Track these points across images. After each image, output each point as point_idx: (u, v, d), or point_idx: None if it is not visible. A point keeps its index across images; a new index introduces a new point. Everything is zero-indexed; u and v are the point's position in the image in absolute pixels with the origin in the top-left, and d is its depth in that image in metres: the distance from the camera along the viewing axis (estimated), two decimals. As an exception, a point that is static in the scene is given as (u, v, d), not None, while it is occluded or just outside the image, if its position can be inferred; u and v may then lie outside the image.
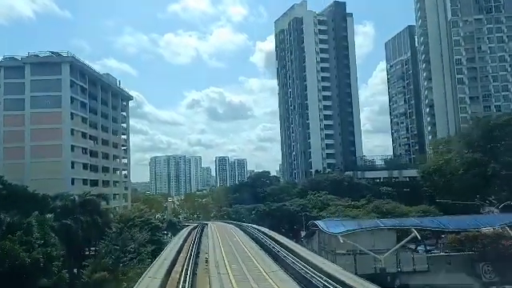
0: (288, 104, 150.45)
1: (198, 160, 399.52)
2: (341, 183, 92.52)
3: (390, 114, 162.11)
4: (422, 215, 45.92)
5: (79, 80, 79.25)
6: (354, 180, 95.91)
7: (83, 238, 51.18)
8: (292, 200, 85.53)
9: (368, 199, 70.79)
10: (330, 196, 78.62)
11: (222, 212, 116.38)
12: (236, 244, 35.17)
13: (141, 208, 74.71)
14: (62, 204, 48.87)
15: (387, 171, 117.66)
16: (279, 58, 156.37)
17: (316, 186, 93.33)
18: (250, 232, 43.52)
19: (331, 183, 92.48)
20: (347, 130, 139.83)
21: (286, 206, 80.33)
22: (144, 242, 50.93)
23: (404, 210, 53.73)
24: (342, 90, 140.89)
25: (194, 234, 48.66)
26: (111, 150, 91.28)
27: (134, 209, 74.40)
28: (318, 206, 74.07)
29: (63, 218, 47.11)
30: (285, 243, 29.86)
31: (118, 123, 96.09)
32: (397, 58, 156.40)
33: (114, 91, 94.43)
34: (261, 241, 34.00)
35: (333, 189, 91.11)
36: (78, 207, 50.70)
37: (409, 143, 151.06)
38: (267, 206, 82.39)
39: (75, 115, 77.52)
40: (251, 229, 46.09)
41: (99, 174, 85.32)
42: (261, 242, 33.28)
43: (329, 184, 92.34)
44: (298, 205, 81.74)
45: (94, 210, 54.25)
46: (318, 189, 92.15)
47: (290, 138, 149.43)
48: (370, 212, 51.99)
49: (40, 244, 33.85)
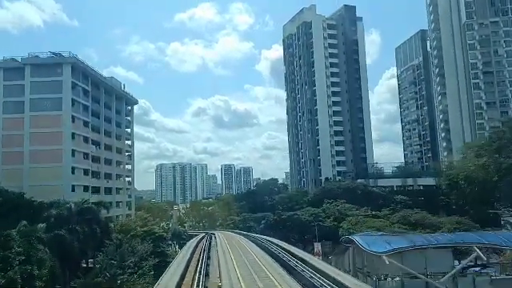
0: (296, 110, 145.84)
1: (203, 168, 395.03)
2: (354, 191, 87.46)
3: (401, 120, 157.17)
4: (457, 227, 40.90)
5: (81, 82, 75.18)
6: (368, 188, 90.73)
7: (80, 250, 46.48)
8: (304, 209, 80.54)
9: (393, 208, 65.11)
10: (348, 205, 73.50)
11: (228, 221, 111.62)
12: (254, 264, 28.73)
13: (144, 217, 70.25)
14: (57, 213, 44.32)
15: (401, 179, 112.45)
16: (287, 63, 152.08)
17: (328, 195, 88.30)
18: (266, 246, 38.38)
19: (344, 191, 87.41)
20: (358, 136, 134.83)
21: (297, 215, 75.46)
22: (146, 255, 46.28)
23: (434, 221, 48.53)
24: (352, 95, 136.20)
25: (202, 247, 43.68)
26: (114, 156, 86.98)
27: (137, 218, 69.86)
28: (335, 215, 69.00)
29: (58, 228, 42.56)
30: (321, 268, 23.64)
31: (121, 128, 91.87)
32: (408, 63, 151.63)
33: (118, 95, 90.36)
34: (286, 262, 28.31)
35: (346, 197, 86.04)
36: (75, 216, 46.14)
37: (421, 150, 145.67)
38: (277, 215, 77.63)
39: (76, 118, 73.33)
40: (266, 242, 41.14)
41: (101, 180, 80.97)
42: (286, 264, 27.76)
43: (342, 192, 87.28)
44: (310, 214, 76.85)
45: (92, 219, 49.63)
46: (330, 197, 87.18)
47: (299, 144, 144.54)
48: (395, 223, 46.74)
49: (21, 260, 29.16)
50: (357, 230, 45.37)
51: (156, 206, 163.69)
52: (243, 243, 45.03)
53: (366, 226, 43.97)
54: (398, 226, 42.26)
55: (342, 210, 71.24)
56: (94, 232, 49.08)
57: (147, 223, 68.34)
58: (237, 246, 43.07)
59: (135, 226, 52.15)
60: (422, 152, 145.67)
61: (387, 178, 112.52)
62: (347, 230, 47.51)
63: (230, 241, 49.04)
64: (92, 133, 78.27)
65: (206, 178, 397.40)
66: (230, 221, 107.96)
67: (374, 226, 43.45)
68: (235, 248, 40.61)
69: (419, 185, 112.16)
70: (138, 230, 54.13)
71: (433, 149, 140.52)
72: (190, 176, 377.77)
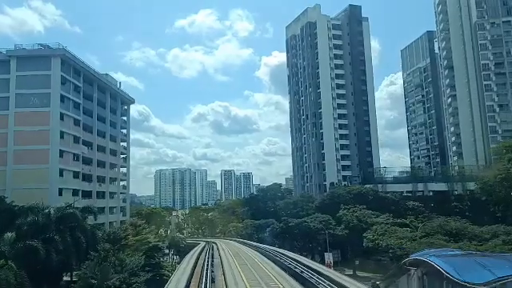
0: (300, 113, 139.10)
1: (203, 173, 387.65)
2: (365, 197, 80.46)
3: (407, 124, 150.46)
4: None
5: (72, 77, 68.30)
6: (379, 193, 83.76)
7: (61, 263, 39.31)
8: (312, 216, 73.51)
9: (428, 215, 57.31)
10: (367, 211, 66.46)
11: (229, 228, 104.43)
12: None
13: (138, 224, 63.07)
14: (31, 220, 37.20)
15: (411, 184, 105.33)
16: (290, 65, 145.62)
17: (337, 200, 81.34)
18: (287, 266, 30.27)
19: (355, 197, 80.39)
20: (364, 139, 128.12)
21: (306, 222, 68.45)
22: (137, 269, 39.14)
23: (475, 230, 41.15)
24: (357, 97, 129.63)
25: (202, 266, 35.39)
26: (108, 158, 79.95)
27: (130, 225, 62.75)
28: (353, 223, 62.06)
29: (32, 237, 35.52)
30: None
31: (116, 128, 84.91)
32: (414, 65, 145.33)
33: (113, 93, 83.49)
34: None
35: (356, 203, 79.21)
36: (54, 223, 39.10)
37: (429, 155, 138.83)
38: (284, 223, 70.58)
39: (66, 116, 66.36)
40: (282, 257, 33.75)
41: (93, 184, 73.91)
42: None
43: (352, 197, 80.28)
44: (320, 221, 69.84)
45: (76, 226, 42.56)
46: (339, 203, 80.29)
47: (302, 149, 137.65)
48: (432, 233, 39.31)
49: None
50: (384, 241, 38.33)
51: (154, 211, 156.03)
52: (258, 262, 36.06)
53: (395, 236, 37.18)
54: (436, 237, 35.36)
55: (361, 217, 64.20)
56: (77, 241, 41.97)
57: (141, 231, 61.26)
58: (250, 266, 33.29)
59: (125, 234, 44.80)
60: (429, 157, 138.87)
61: (397, 184, 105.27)
62: (373, 241, 40.52)
63: (236, 255, 40.96)
64: (83, 132, 71.29)
65: (206, 184, 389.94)
66: (232, 228, 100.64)
67: (406, 237, 36.53)
68: (249, 272, 30.28)
69: (430, 190, 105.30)
70: (129, 239, 47.15)
71: (441, 153, 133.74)
72: (189, 182, 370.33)
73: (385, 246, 37.23)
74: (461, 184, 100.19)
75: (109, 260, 36.38)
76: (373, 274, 79.00)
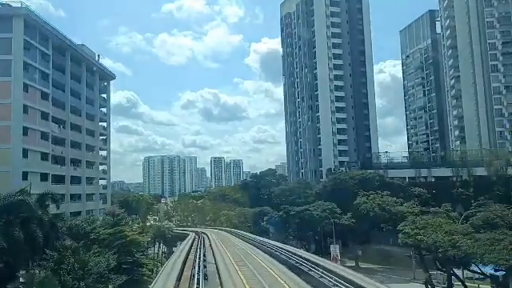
0: (295, 96, 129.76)
1: (192, 160, 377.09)
2: (370, 182, 71.74)
3: (405, 109, 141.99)
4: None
5: (38, 43, 57.69)
6: (386, 179, 75.10)
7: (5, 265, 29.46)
8: (314, 204, 64.50)
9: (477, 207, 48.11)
10: (391, 199, 57.35)
11: (221, 216, 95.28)
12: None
13: (116, 213, 53.33)
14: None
15: (414, 170, 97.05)
16: (285, 45, 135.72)
17: (339, 186, 72.54)
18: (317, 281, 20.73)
19: (359, 182, 71.62)
20: (362, 123, 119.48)
21: (308, 210, 59.43)
22: (106, 273, 29.60)
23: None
24: (356, 79, 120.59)
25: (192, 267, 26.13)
26: (85, 139, 69.66)
27: (107, 214, 53.07)
28: (374, 211, 53.25)
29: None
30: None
31: (94, 106, 74.38)
32: (414, 46, 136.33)
33: (90, 66, 72.77)
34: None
35: (361, 189, 70.66)
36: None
37: (428, 140, 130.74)
38: (284, 211, 61.44)
39: (31, 88, 55.82)
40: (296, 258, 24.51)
41: (67, 167, 63.73)
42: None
43: (356, 183, 71.51)
44: (323, 209, 60.93)
45: (30, 218, 32.64)
46: (342, 189, 71.62)
47: (297, 133, 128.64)
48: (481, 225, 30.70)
49: None
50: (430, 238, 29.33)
51: (141, 199, 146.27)
52: (267, 267, 26.25)
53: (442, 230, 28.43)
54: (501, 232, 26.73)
55: (384, 205, 55.25)
56: (32, 237, 32.14)
57: (120, 221, 51.60)
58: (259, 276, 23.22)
59: (91, 228, 34.75)
60: (428, 142, 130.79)
61: (399, 169, 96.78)
62: (412, 237, 31.51)
63: (234, 254, 31.21)
64: (54, 108, 60.77)
65: (196, 171, 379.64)
66: (223, 216, 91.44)
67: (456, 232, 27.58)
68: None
69: (433, 176, 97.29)
70: (100, 232, 37.65)
71: (441, 138, 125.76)
72: (178, 169, 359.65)
73: (431, 244, 28.25)
74: (466, 169, 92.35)
75: (66, 262, 26.89)
76: (376, 265, 71.12)
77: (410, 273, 60.83)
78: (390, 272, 64.94)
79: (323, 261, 26.53)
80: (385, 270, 67.69)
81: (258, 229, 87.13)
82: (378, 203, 55.25)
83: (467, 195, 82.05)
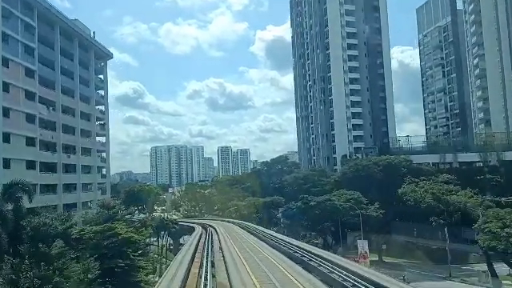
0: (306, 78, 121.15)
1: (199, 150, 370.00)
2: (397, 168, 63.71)
3: (422, 91, 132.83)
4: None
5: (21, 12, 49.93)
6: (413, 164, 66.86)
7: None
8: (336, 193, 56.64)
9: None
10: (447, 186, 48.95)
11: (230, 207, 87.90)
12: None
13: (111, 205, 45.99)
14: None
15: (438, 155, 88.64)
16: (295, 25, 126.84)
17: (362, 173, 64.64)
18: None
19: (384, 169, 63.56)
20: (378, 107, 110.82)
21: (330, 200, 51.64)
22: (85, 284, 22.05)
23: None
24: (371, 59, 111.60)
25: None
26: (79, 123, 62.15)
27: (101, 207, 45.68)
28: (425, 202, 45.15)
29: None
30: None
31: (90, 87, 66.65)
32: (433, 24, 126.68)
33: (84, 42, 64.81)
34: None
35: (386, 175, 62.84)
36: None
37: (448, 124, 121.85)
38: (303, 201, 53.70)
39: (13, 63, 48.11)
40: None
41: (58, 154, 56.36)
42: None
43: (381, 169, 63.47)
44: (347, 199, 53.11)
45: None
46: (366, 176, 63.75)
47: (308, 118, 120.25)
48: None
49: None
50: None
51: (146, 189, 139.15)
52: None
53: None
54: None
55: (439, 193, 46.67)
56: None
57: (115, 214, 44.25)
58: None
59: (64, 227, 26.86)
60: (448, 126, 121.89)
61: (421, 154, 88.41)
62: (505, 239, 23.57)
63: (253, 265, 23.06)
64: (41, 88, 53.13)
65: (203, 161, 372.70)
66: (232, 207, 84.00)
67: None
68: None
69: (459, 161, 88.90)
70: (85, 230, 30.28)
71: (463, 122, 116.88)
72: (185, 159, 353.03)
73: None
74: (495, 154, 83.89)
75: (24, 277, 19.36)
76: (401, 259, 63.48)
77: (441, 269, 53.51)
78: (418, 267, 57.58)
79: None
80: (412, 264, 60.30)
81: (268, 219, 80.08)
82: (431, 192, 46.59)
83: (497, 181, 74.39)
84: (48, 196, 53.88)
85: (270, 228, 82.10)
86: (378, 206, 52.90)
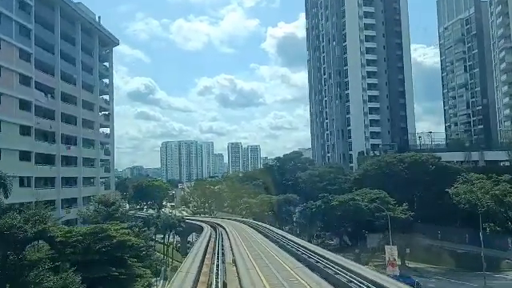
0: (321, 72, 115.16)
1: (210, 146, 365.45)
2: (424, 166, 57.55)
3: (442, 87, 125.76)
4: None
5: (15, -12, 45.15)
6: (442, 162, 60.59)
7: None
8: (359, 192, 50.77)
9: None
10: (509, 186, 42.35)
11: (240, 204, 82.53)
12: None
13: (110, 200, 40.86)
14: None
15: (463, 153, 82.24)
16: (310, 16, 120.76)
17: (385, 170, 58.72)
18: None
19: (410, 166, 57.49)
20: (397, 102, 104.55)
21: (354, 200, 45.86)
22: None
23: None
24: (390, 52, 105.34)
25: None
26: (81, 112, 57.25)
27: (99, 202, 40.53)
28: (482, 206, 38.85)
29: None
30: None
31: (93, 75, 61.61)
32: (454, 17, 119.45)
33: (88, 27, 59.64)
34: None
35: (412, 173, 56.79)
36: None
37: (469, 121, 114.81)
38: (323, 201, 48.00)
39: (5, 43, 43.03)
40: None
41: (57, 145, 51.46)
42: None
43: (406, 167, 57.43)
44: (371, 199, 47.31)
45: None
46: (390, 174, 57.82)
47: (323, 114, 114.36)
48: None
49: None
50: None
51: (155, 184, 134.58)
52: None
53: None
54: None
55: (501, 195, 39.56)
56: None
57: (114, 212, 39.15)
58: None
59: (33, 230, 21.42)
60: (470, 123, 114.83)
61: (446, 152, 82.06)
62: None
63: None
64: (39, 72, 48.24)
65: (213, 157, 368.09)
66: (244, 205, 78.60)
67: None
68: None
69: (485, 160, 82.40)
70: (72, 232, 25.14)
71: (485, 119, 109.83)
72: (195, 154, 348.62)
73: None
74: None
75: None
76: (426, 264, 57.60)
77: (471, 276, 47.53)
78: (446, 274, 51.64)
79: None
80: (439, 271, 54.38)
81: (281, 218, 74.82)
82: (492, 193, 39.78)
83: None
84: (44, 190, 48.97)
85: (283, 227, 77.24)
86: (406, 207, 47.04)
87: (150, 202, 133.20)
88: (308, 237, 73.67)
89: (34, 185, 45.88)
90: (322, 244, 72.18)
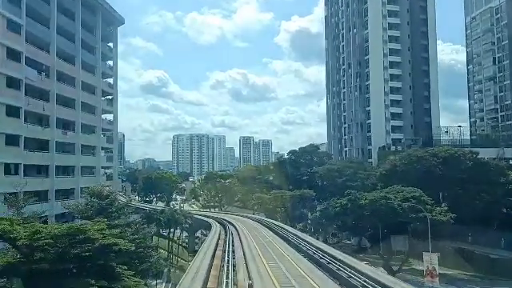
0: (339, 62, 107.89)
1: (221, 139, 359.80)
2: (460, 161, 50.41)
3: (468, 80, 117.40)
4: None
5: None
6: (479, 158, 53.32)
7: None
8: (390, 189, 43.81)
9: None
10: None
11: (252, 200, 76.26)
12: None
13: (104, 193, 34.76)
14: None
15: (496, 149, 74.57)
16: (329, 2, 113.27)
17: (416, 165, 51.64)
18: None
19: (444, 161, 50.40)
20: (421, 94, 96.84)
21: (386, 199, 39.02)
22: None
23: None
24: (415, 41, 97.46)
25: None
26: (80, 95, 51.32)
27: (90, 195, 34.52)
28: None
29: None
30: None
31: (95, 55, 55.52)
32: (483, 5, 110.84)
33: (89, 0, 53.90)
34: None
35: (448, 170, 49.72)
36: None
37: (497, 116, 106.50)
38: (349, 198, 41.26)
39: (-11, 11, 37.56)
40: None
41: (51, 130, 45.60)
42: None
43: (440, 162, 50.34)
44: (404, 198, 40.44)
45: None
46: (422, 170, 50.78)
47: (341, 106, 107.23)
48: None
49: None
50: None
51: (164, 176, 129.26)
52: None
53: None
54: None
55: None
56: None
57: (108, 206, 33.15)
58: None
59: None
60: (497, 118, 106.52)
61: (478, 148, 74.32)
62: None
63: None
64: (30, 47, 42.31)
65: (224, 151, 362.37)
66: (256, 200, 72.33)
67: None
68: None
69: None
70: (42, 233, 19.17)
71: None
72: (207, 147, 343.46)
73: None
74: None
75: None
76: (458, 270, 50.77)
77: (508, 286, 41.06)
78: (480, 283, 44.96)
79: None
80: (472, 278, 47.66)
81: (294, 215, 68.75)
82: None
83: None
84: (36, 179, 43.31)
85: (296, 224, 71.03)
86: (446, 208, 40.21)
87: (160, 194, 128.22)
88: (323, 235, 67.46)
89: (23, 173, 40.16)
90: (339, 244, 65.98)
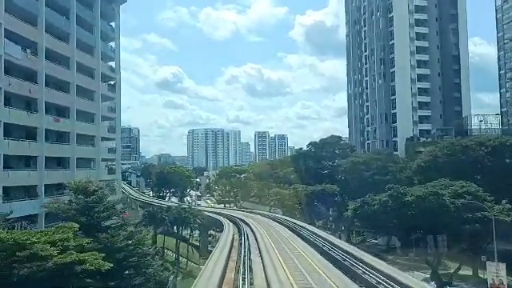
0: (361, 48, 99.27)
1: (236, 134, 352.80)
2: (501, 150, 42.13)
3: (498, 68, 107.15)
4: None
5: None
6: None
7: None
8: (435, 184, 35.89)
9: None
10: None
11: (270, 195, 68.99)
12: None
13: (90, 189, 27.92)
14: None
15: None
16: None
17: (461, 156, 43.60)
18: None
19: (494, 151, 42.20)
20: (451, 82, 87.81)
21: (438, 195, 31.21)
22: None
23: None
24: (443, 25, 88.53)
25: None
26: (75, 77, 44.72)
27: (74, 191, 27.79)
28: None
29: None
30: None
31: (94, 34, 48.67)
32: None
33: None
34: None
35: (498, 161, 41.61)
36: None
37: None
38: (389, 194, 33.54)
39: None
40: None
41: (39, 115, 39.10)
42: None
43: (488, 152, 42.18)
44: (456, 193, 32.55)
45: None
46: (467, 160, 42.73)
47: (363, 95, 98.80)
48: None
49: None
50: None
51: (178, 171, 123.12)
52: None
53: None
54: None
55: None
56: None
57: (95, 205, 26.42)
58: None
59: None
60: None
61: None
62: None
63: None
64: (11, 18, 35.76)
65: (239, 145, 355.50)
66: (274, 196, 65.04)
67: None
68: None
69: None
70: None
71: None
72: (222, 142, 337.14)
73: None
74: None
75: None
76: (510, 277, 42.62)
77: None
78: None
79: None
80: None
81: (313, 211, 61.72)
82: None
83: None
84: (21, 172, 36.91)
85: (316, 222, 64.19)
86: (509, 206, 32.32)
87: (173, 189, 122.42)
88: (346, 234, 60.18)
89: (2, 165, 33.75)
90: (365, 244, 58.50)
